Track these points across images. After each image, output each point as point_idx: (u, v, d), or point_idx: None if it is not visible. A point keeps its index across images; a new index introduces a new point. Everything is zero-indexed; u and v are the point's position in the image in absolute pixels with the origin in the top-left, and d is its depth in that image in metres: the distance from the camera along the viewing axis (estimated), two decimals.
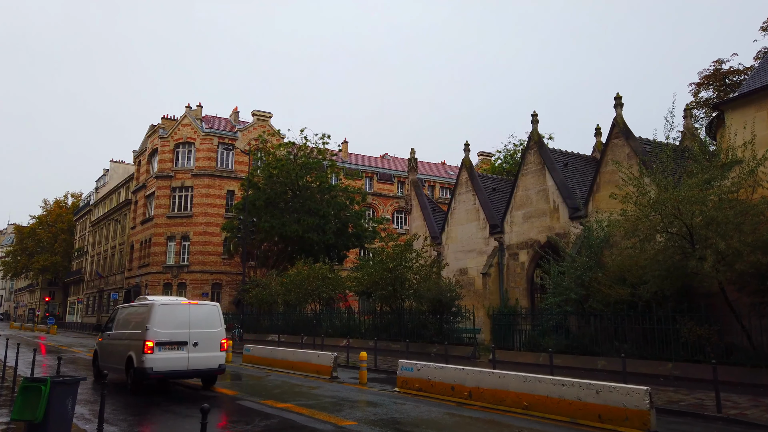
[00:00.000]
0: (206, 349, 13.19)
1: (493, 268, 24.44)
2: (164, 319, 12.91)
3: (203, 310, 13.78)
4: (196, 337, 13.10)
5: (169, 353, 12.70)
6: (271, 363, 19.10)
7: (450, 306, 22.58)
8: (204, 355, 13.12)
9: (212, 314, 13.82)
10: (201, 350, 13.08)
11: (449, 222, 28.11)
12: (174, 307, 13.46)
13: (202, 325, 13.37)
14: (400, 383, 13.72)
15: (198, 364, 13.04)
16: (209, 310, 13.90)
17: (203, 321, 13.45)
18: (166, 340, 12.72)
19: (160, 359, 12.53)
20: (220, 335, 13.66)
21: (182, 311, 13.39)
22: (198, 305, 13.96)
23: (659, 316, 15.97)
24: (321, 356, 16.98)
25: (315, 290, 29.56)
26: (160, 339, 12.62)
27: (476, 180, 27.10)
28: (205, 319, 13.52)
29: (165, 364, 12.61)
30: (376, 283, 24.55)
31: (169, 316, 13.08)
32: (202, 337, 13.18)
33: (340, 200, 39.95)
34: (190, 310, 13.45)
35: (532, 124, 23.90)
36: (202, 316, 13.53)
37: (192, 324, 13.20)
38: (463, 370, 12.26)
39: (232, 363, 21.26)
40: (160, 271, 47.57)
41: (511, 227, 24.32)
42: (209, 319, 13.62)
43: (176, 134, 49.69)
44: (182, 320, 13.16)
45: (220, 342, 13.64)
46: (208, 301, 16.71)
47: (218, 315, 13.95)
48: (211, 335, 13.42)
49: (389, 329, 25.14)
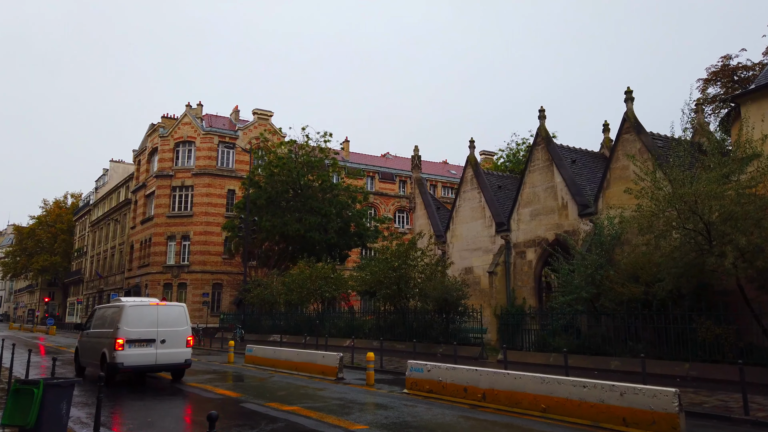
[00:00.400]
0: (173, 345, 14.45)
1: (500, 266, 23.93)
2: (134, 319, 14.08)
3: (170, 310, 14.96)
4: (163, 335, 14.32)
5: (138, 349, 13.94)
6: (275, 364, 18.57)
7: (456, 305, 22.07)
8: (171, 351, 14.38)
9: (179, 314, 15.01)
10: (168, 347, 14.34)
11: (454, 220, 27.59)
12: (143, 308, 14.54)
13: (169, 324, 14.54)
14: (409, 385, 13.20)
15: (165, 359, 14.34)
16: (176, 311, 15.09)
17: (170, 320, 14.62)
18: (136, 338, 13.94)
19: (130, 355, 13.78)
20: (186, 333, 14.86)
21: (150, 312, 14.49)
22: (166, 306, 15.10)
23: (675, 315, 15.47)
24: (326, 357, 16.45)
25: (317, 290, 29.04)
26: (130, 337, 13.85)
27: (482, 177, 26.59)
28: (172, 318, 14.70)
29: (134, 359, 13.86)
30: (380, 283, 24.04)
31: (138, 316, 14.23)
32: (169, 335, 14.40)
33: (342, 199, 39.43)
34: (158, 311, 14.59)
35: (539, 119, 23.40)
36: (169, 316, 14.71)
37: (159, 323, 14.38)
38: (476, 371, 11.73)
39: (234, 364, 20.75)
40: (161, 271, 47.02)
41: (518, 225, 23.80)
42: (176, 318, 14.82)
43: (176, 133, 49.15)
44: (150, 320, 14.31)
45: (186, 339, 14.82)
46: (175, 302, 17.92)
47: (185, 315, 15.15)
48: (177, 333, 14.63)
49: (393, 329, 24.64)
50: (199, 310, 45.83)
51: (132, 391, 13.63)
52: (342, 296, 30.12)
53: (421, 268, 23.53)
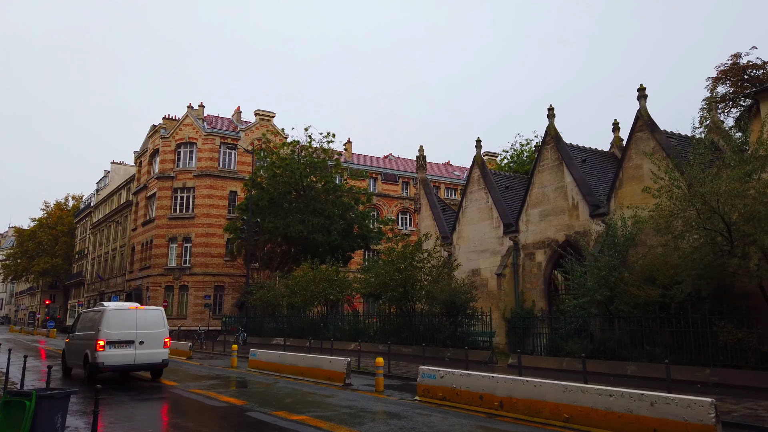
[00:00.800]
0: (151, 346, 15.47)
1: (508, 268, 23.37)
2: (114, 322, 15.12)
3: (149, 314, 16.06)
4: (141, 337, 15.35)
5: (118, 350, 14.98)
6: (279, 368, 18.01)
7: (465, 308, 21.52)
8: (149, 352, 15.40)
9: (157, 317, 16.12)
10: (146, 347, 15.36)
11: (460, 221, 27.04)
12: (123, 312, 15.56)
13: (148, 326, 15.59)
14: (421, 392, 12.63)
15: (144, 359, 15.37)
16: (154, 314, 16.19)
17: (149, 323, 15.69)
18: (116, 340, 14.96)
19: (110, 355, 14.80)
20: (163, 335, 15.88)
21: (130, 315, 15.54)
22: (144, 310, 16.20)
23: (695, 318, 14.91)
24: (333, 362, 15.88)
25: (321, 292, 28.48)
26: (110, 339, 14.87)
27: (489, 177, 26.04)
28: (150, 321, 15.77)
29: (115, 359, 14.89)
30: (385, 285, 23.49)
31: (118, 319, 15.26)
32: (147, 337, 15.41)
33: (345, 200, 38.87)
34: (137, 315, 15.66)
35: (548, 118, 22.86)
36: (147, 319, 15.77)
37: (138, 326, 15.42)
38: (492, 378, 11.16)
39: (238, 368, 20.20)
40: (162, 273, 46.49)
41: (526, 226, 23.25)
42: (154, 321, 15.88)
43: (178, 134, 48.66)
44: (130, 323, 15.36)
45: (164, 340, 15.85)
46: (153, 306, 18.81)
47: (162, 318, 16.26)
48: (155, 335, 15.65)
49: (399, 332, 24.06)
50: (201, 312, 45.30)
51: (132, 398, 13.08)
52: (348, 299, 29.56)
53: (428, 270, 22.97)
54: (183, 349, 25.08)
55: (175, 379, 16.63)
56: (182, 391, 14.21)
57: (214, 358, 25.62)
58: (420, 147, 30.68)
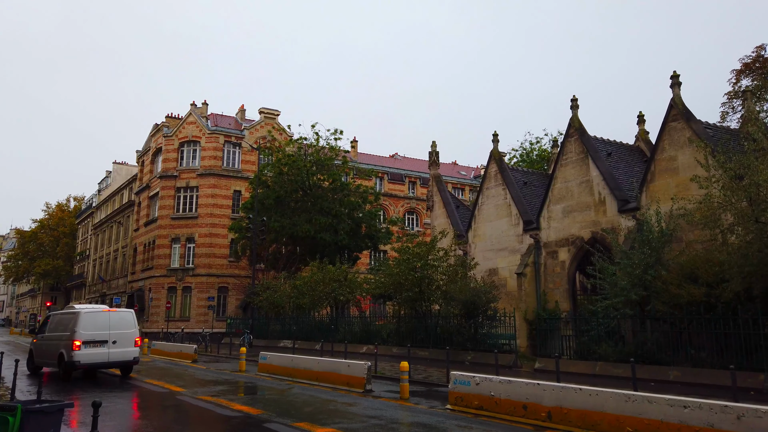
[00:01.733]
0: (123, 345, 16.59)
1: (529, 267, 22.14)
2: (89, 324, 16.20)
3: (121, 315, 17.27)
4: (114, 337, 16.47)
5: (93, 349, 16.06)
6: (292, 373, 16.79)
7: (486, 309, 20.30)
8: (121, 350, 16.53)
9: (128, 318, 17.33)
10: (119, 346, 16.49)
11: (476, 219, 25.83)
12: (96, 314, 16.73)
13: (120, 327, 16.73)
14: (453, 399, 11.42)
15: (117, 357, 16.51)
16: (126, 316, 17.42)
17: (121, 324, 16.82)
18: (90, 339, 16.05)
19: (86, 354, 15.88)
20: (134, 335, 17.06)
21: (103, 317, 16.69)
22: (116, 312, 17.43)
23: (744, 320, 13.70)
24: (352, 366, 14.67)
25: (330, 293, 27.25)
26: (85, 339, 15.94)
27: (507, 173, 24.84)
28: (122, 322, 16.92)
29: (90, 357, 15.99)
30: (400, 285, 22.29)
31: (92, 321, 16.36)
32: (119, 337, 16.56)
33: (352, 199, 37.66)
34: (110, 316, 16.80)
35: (571, 109, 21.69)
36: (119, 320, 16.91)
37: (111, 326, 16.51)
38: (538, 386, 9.96)
39: (246, 373, 18.98)
40: (165, 274, 45.24)
41: (548, 223, 22.04)
42: (126, 322, 17.07)
43: (181, 132, 47.47)
44: (103, 324, 16.49)
45: (135, 340, 17.00)
46: (124, 308, 20.46)
47: (133, 319, 17.50)
48: (127, 335, 16.82)
49: (414, 335, 22.84)
50: (205, 314, 44.07)
51: (138, 407, 11.87)
52: (359, 299, 28.31)
53: (444, 269, 21.75)
54: (188, 352, 23.87)
55: (182, 385, 15.43)
56: (190, 398, 13.00)
57: (220, 362, 24.42)
58: (432, 142, 29.49)
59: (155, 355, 26.23)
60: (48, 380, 16.45)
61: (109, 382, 16.63)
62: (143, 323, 47.29)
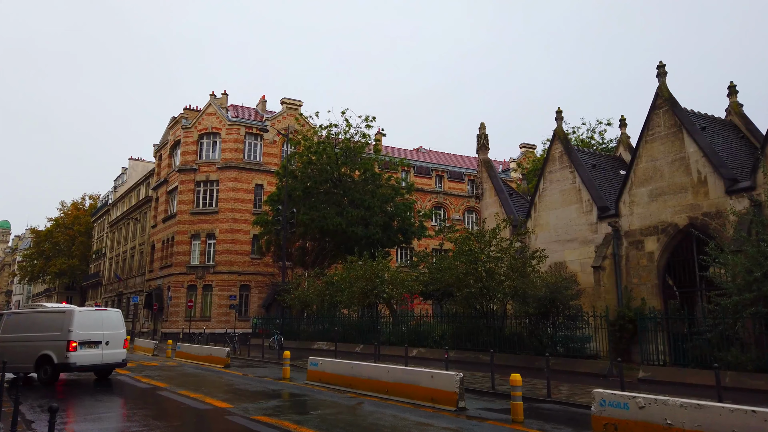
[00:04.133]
0: (115, 346, 15.79)
1: (608, 260, 19.06)
2: (84, 323, 15.30)
3: (111, 315, 16.50)
4: (108, 337, 15.63)
5: (88, 350, 15.17)
6: (352, 383, 13.82)
7: (567, 307, 17.26)
8: (113, 352, 15.70)
9: (118, 318, 16.61)
10: (111, 347, 15.66)
11: (536, 206, 22.77)
12: (90, 313, 16.18)
13: (111, 327, 15.92)
14: (601, 427, 8.40)
15: (109, 359, 15.62)
16: (116, 315, 16.67)
17: (112, 324, 16.03)
18: (86, 340, 15.16)
19: (82, 356, 14.94)
20: (123, 336, 16.29)
21: (96, 316, 15.99)
22: (107, 311, 16.77)
23: None
24: (436, 377, 11.65)
25: (373, 290, 24.24)
26: (81, 339, 15.01)
27: (575, 154, 21.77)
28: (113, 322, 16.14)
29: (86, 359, 15.08)
30: (459, 280, 19.27)
31: (86, 320, 15.50)
32: (112, 337, 15.73)
33: (384, 191, 34.63)
34: (102, 315, 16.12)
35: (658, 78, 18.60)
36: (111, 320, 16.15)
37: (104, 326, 15.69)
38: (751, 414, 6.91)
39: (292, 381, 16.03)
40: (184, 272, 42.46)
41: (630, 209, 18.95)
42: (116, 322, 16.29)
43: (200, 124, 44.68)
44: (97, 324, 15.62)
45: (123, 341, 16.21)
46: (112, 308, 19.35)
47: (122, 319, 16.84)
48: (118, 335, 16.01)
49: (476, 337, 19.82)
50: (226, 314, 41.27)
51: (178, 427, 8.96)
52: (405, 297, 25.24)
53: (510, 263, 18.70)
54: (219, 356, 20.85)
55: (225, 398, 12.49)
56: (244, 419, 10.05)
57: (254, 366, 21.46)
58: (481, 124, 26.35)
59: (181, 359, 23.32)
60: (28, 389, 13.64)
61: (129, 390, 13.77)
62: (162, 323, 44.57)
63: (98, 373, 16.40)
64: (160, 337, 41.96)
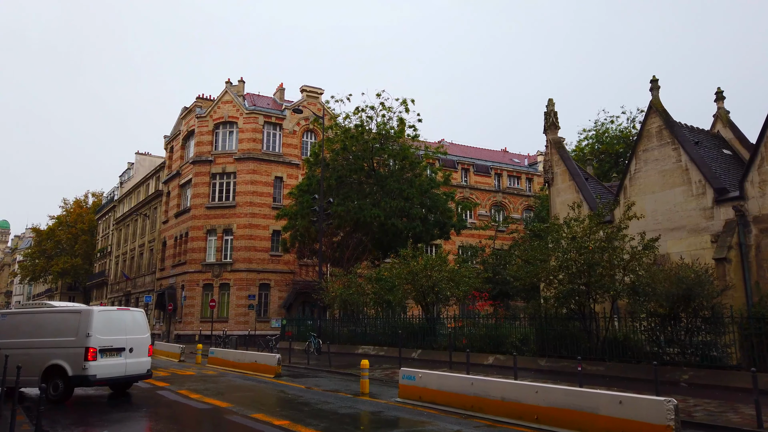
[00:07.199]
0: (139, 354, 12.84)
1: (734, 251, 15.77)
2: (103, 326, 12.34)
3: (135, 316, 13.45)
4: (132, 343, 12.72)
5: (109, 359, 12.25)
6: (474, 405, 10.34)
7: (704, 307, 13.88)
8: (137, 361, 12.74)
9: (142, 320, 13.47)
10: (135, 356, 12.71)
11: (627, 191, 19.45)
12: (111, 313, 13.18)
13: (135, 331, 13.04)
14: None
15: (133, 370, 12.64)
16: (139, 316, 13.53)
17: (136, 327, 13.12)
18: (108, 347, 12.24)
19: (102, 366, 12.00)
20: (148, 341, 13.30)
21: (118, 317, 13.05)
22: (130, 311, 13.61)
23: None
24: (629, 404, 8.16)
25: (432, 287, 20.82)
26: (102, 345, 12.11)
27: (678, 128, 18.48)
28: (137, 325, 13.19)
29: (107, 370, 12.11)
30: (556, 273, 15.89)
31: (107, 322, 12.54)
32: (136, 343, 12.81)
33: (423, 180, 31.28)
34: (124, 317, 13.14)
35: None
36: (134, 322, 13.20)
37: (127, 330, 12.82)
38: None
39: (377, 398, 12.52)
40: (199, 270, 38.85)
41: (761, 190, 15.67)
42: (140, 325, 13.30)
43: (215, 113, 41.11)
44: (119, 326, 12.73)
45: (148, 347, 13.24)
46: (135, 308, 15.45)
47: (146, 321, 13.64)
48: (142, 341, 13.07)
49: (568, 342, 16.41)
50: (245, 314, 37.72)
51: None
52: (475, 294, 21.79)
53: (624, 254, 15.29)
54: (268, 363, 17.05)
55: (322, 426, 8.96)
56: None
57: (305, 375, 17.86)
58: (549, 100, 22.94)
59: (218, 366, 19.65)
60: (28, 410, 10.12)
61: (184, 413, 10.27)
62: (176, 324, 40.92)
63: (116, 386, 13.23)
64: (174, 339, 38.46)
